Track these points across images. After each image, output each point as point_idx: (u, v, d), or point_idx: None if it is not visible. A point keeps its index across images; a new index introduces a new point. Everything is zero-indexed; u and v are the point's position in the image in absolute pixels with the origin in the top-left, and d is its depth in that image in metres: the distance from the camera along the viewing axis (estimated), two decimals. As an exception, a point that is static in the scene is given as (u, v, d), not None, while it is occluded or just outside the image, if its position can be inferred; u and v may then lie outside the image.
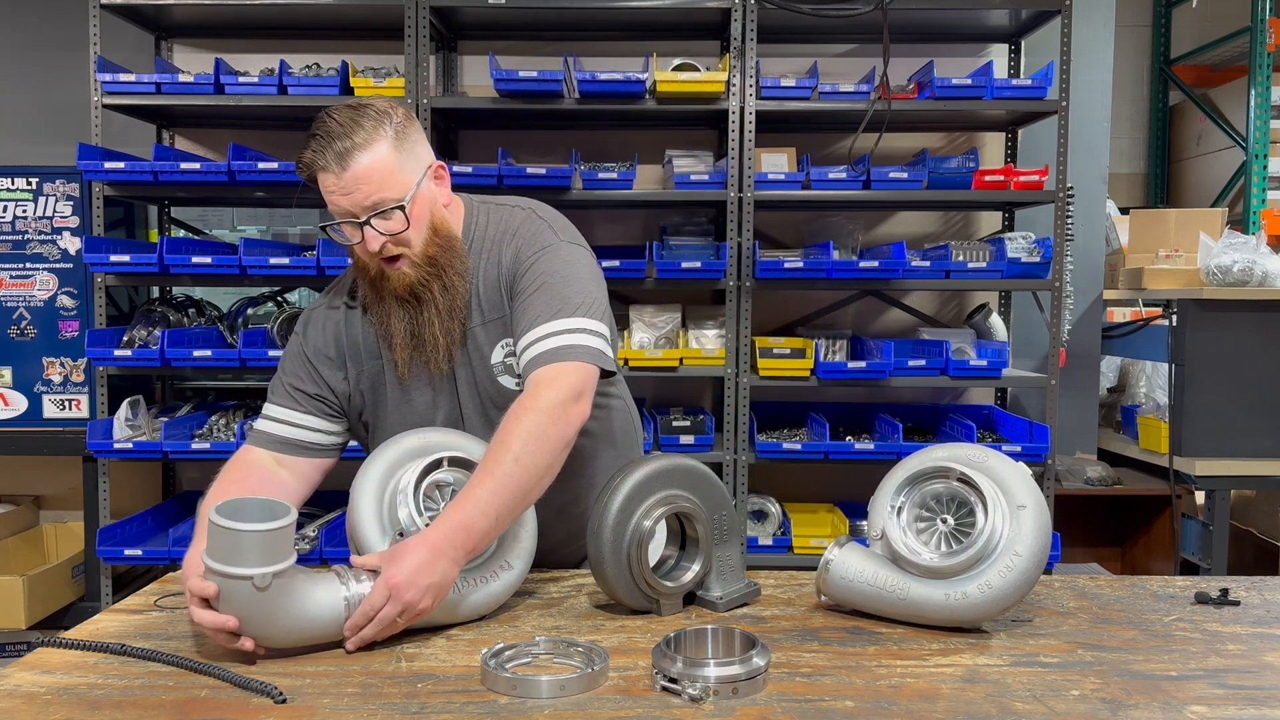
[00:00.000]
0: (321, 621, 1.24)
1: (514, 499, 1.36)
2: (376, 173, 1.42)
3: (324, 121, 1.44)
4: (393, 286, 1.49)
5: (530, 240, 1.54)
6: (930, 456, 1.43)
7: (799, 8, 3.05)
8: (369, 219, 1.44)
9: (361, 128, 1.42)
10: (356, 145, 1.42)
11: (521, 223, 1.57)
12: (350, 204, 1.43)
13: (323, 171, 1.43)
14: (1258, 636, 1.35)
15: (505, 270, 1.54)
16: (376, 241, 1.45)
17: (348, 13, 3.24)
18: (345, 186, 1.42)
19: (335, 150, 1.41)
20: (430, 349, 1.51)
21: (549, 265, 1.51)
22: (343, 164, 1.41)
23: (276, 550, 1.19)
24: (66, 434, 3.30)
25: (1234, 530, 3.57)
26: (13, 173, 3.31)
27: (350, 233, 1.46)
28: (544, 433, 1.38)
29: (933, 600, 1.33)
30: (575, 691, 1.13)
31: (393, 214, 1.45)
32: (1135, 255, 3.84)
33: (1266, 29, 4.68)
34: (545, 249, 1.53)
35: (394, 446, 1.45)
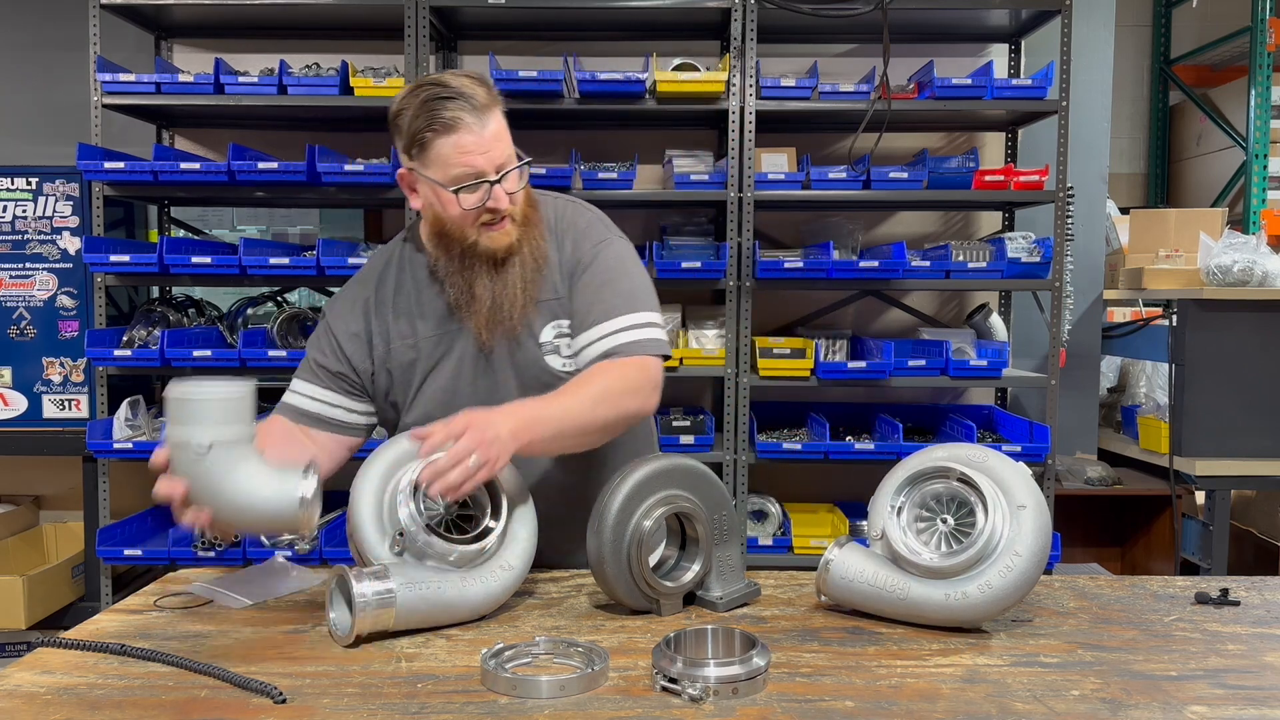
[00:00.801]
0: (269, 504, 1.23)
1: (574, 429, 1.46)
2: (504, 133, 1.52)
3: (445, 84, 1.48)
4: (489, 248, 1.53)
5: (587, 232, 1.61)
6: (930, 456, 1.43)
7: (799, 8, 3.05)
8: (501, 178, 1.50)
9: (484, 90, 1.50)
10: (488, 105, 1.49)
11: (576, 213, 1.64)
12: (486, 162, 1.49)
13: (464, 130, 1.47)
14: (1258, 636, 1.35)
15: (566, 258, 1.60)
16: (505, 200, 1.51)
17: (348, 13, 3.24)
18: (484, 145, 1.48)
19: (475, 107, 1.47)
20: (510, 308, 1.55)
21: (609, 260, 1.59)
22: (483, 123, 1.48)
23: (219, 420, 1.20)
24: (66, 434, 3.30)
25: (1234, 530, 3.57)
26: (13, 173, 3.31)
27: (472, 197, 1.49)
28: (621, 395, 1.49)
29: (933, 600, 1.33)
30: (575, 691, 1.13)
31: (511, 174, 1.52)
32: (1135, 255, 3.84)
33: (1266, 29, 4.68)
34: (603, 242, 1.60)
35: (394, 446, 1.45)
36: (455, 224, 1.53)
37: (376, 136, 3.35)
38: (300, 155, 2.98)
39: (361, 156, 3.17)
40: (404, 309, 1.61)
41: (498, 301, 1.55)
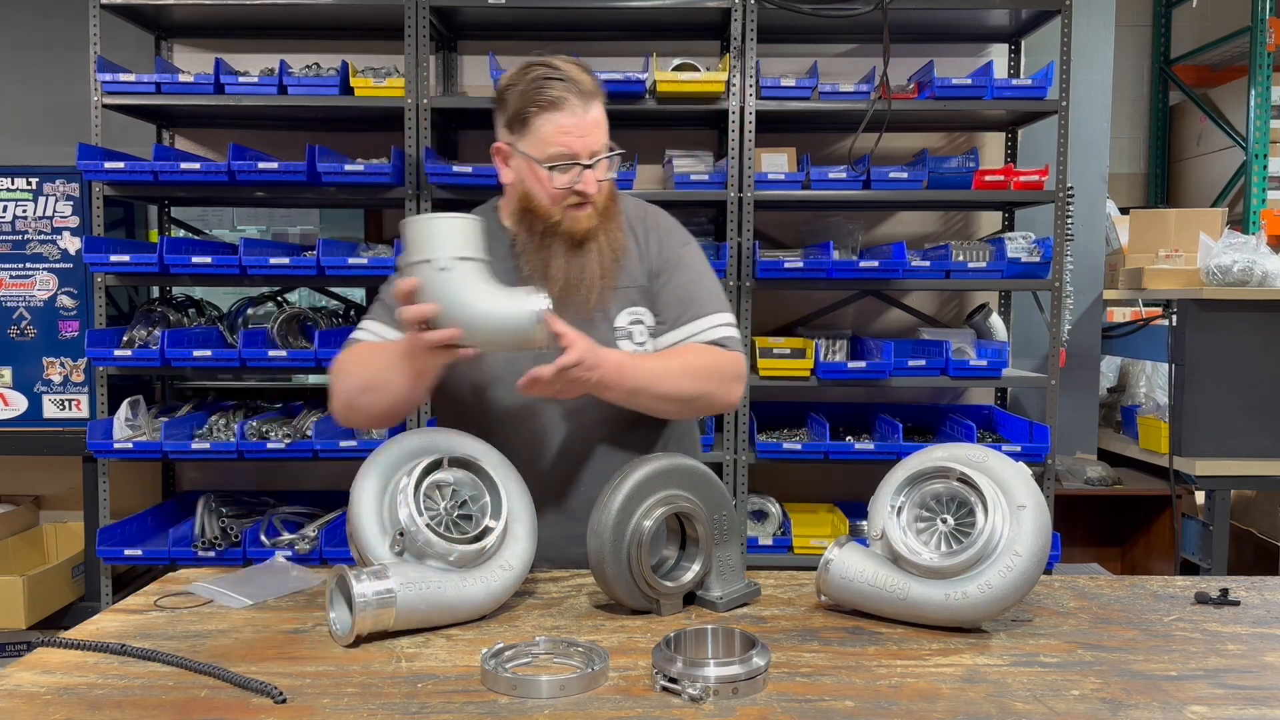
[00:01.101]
0: (509, 315, 1.36)
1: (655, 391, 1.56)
2: (603, 121, 1.59)
3: (555, 66, 1.55)
4: (569, 229, 1.59)
5: (671, 233, 1.72)
6: (930, 456, 1.43)
7: (799, 8, 3.05)
8: (594, 163, 1.57)
9: (590, 79, 1.58)
10: (593, 93, 1.57)
11: (658, 213, 1.75)
12: (582, 145, 1.55)
13: (565, 110, 1.54)
14: (1258, 636, 1.35)
15: (652, 254, 1.68)
16: (593, 185, 1.57)
17: (348, 13, 3.24)
18: (584, 128, 1.55)
19: (581, 92, 1.55)
20: (586, 291, 1.60)
21: (695, 261, 1.70)
22: (586, 108, 1.56)
23: (460, 240, 1.35)
24: (66, 434, 3.30)
25: (1234, 530, 3.57)
26: (13, 173, 3.31)
27: (563, 177, 1.56)
28: (708, 376, 1.60)
29: (933, 600, 1.33)
30: (575, 691, 1.13)
31: (609, 161, 1.60)
32: (1135, 255, 3.84)
33: (1266, 29, 4.68)
34: (686, 244, 1.71)
35: (394, 446, 1.45)
36: (542, 201, 1.59)
37: (376, 136, 3.35)
38: (300, 155, 2.98)
39: (361, 156, 3.17)
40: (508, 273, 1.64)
41: (571, 282, 1.60)
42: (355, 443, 3.02)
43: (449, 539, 1.36)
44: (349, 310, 3.60)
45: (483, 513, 1.43)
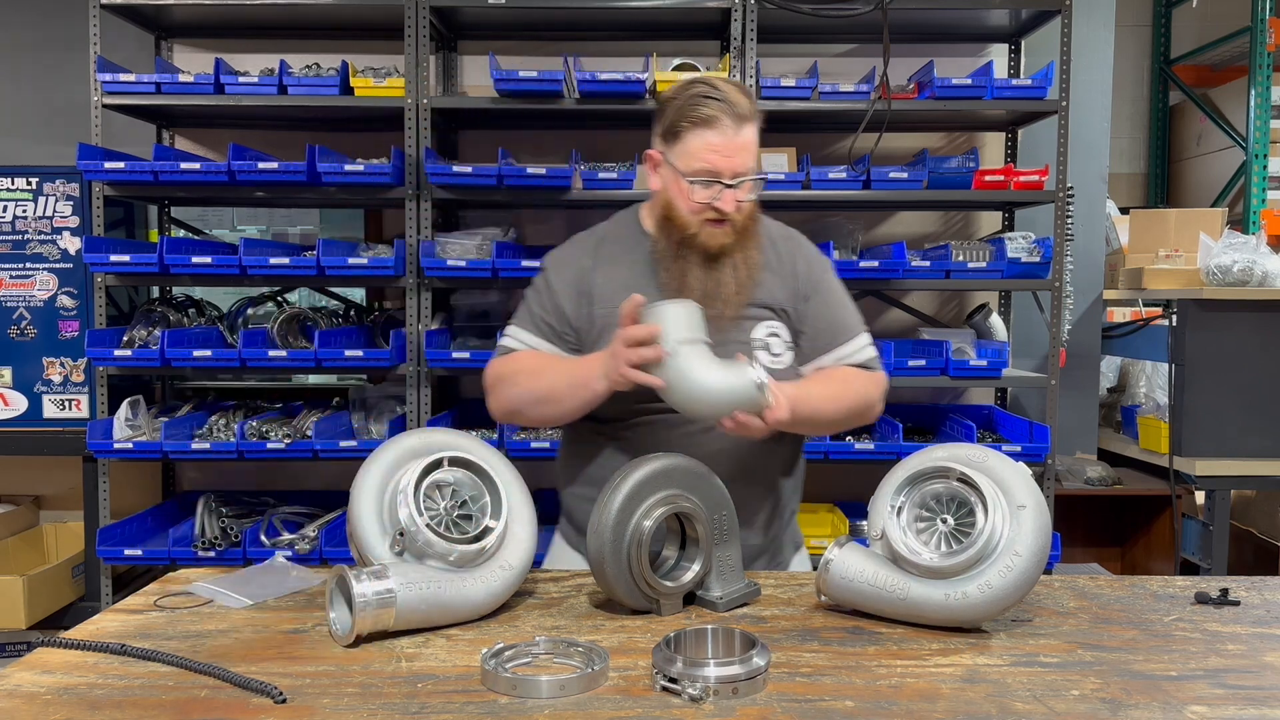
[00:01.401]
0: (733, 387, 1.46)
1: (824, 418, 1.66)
2: (753, 145, 1.64)
3: (715, 86, 1.61)
4: (704, 244, 1.64)
5: (816, 258, 1.80)
6: (930, 456, 1.43)
7: (799, 8, 3.05)
8: (736, 183, 1.61)
9: (748, 102, 1.62)
10: (748, 116, 1.62)
11: (799, 238, 1.83)
12: (726, 165, 1.60)
13: (716, 129, 1.60)
14: (1258, 636, 1.35)
15: (800, 275, 1.74)
16: (732, 204, 1.62)
17: (348, 13, 3.24)
18: (730, 149, 1.60)
19: (735, 114, 1.60)
20: (721, 303, 1.64)
21: (837, 286, 1.79)
22: (737, 130, 1.61)
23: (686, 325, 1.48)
24: (66, 434, 3.30)
25: (1234, 530, 3.57)
26: (13, 173, 3.31)
27: (703, 193, 1.61)
28: (864, 400, 1.70)
29: (933, 600, 1.33)
30: (575, 691, 1.13)
31: (750, 185, 1.65)
32: (1135, 255, 3.84)
33: (1266, 29, 4.68)
34: (827, 270, 1.80)
35: (394, 446, 1.45)
36: (682, 213, 1.64)
37: (377, 136, 3.35)
38: (300, 155, 2.98)
39: (361, 156, 3.17)
40: (618, 280, 1.69)
41: (709, 294, 1.64)
42: (355, 443, 3.02)
43: (449, 539, 1.36)
44: (349, 310, 3.60)
45: (483, 513, 1.43)
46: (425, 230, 3.08)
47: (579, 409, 1.62)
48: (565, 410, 1.63)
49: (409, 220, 3.07)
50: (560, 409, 1.63)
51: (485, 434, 3.15)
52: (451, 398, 3.52)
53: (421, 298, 3.08)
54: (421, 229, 3.08)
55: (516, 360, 1.69)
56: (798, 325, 1.73)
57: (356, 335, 3.21)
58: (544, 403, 1.63)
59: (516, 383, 1.66)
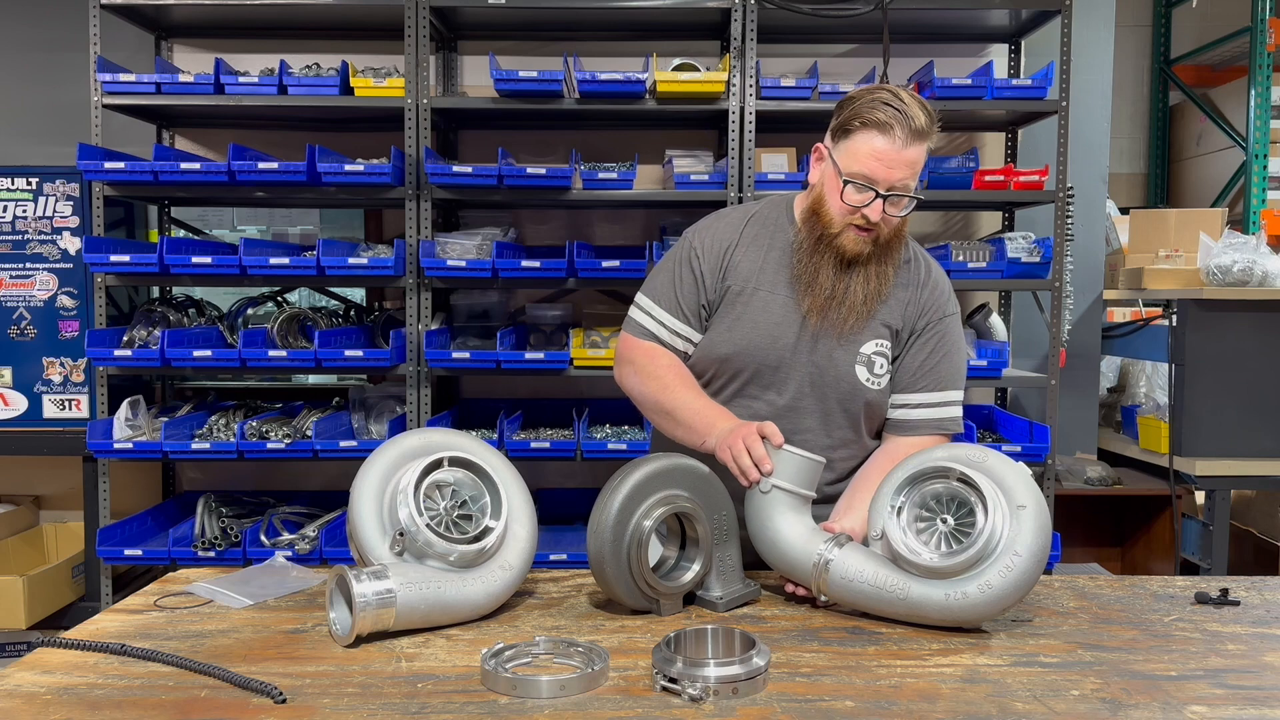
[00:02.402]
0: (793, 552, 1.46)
1: None
2: (918, 163, 1.61)
3: (898, 96, 1.59)
4: (843, 246, 1.64)
5: (947, 295, 1.78)
6: (930, 456, 1.43)
7: (799, 8, 3.05)
8: (889, 195, 1.58)
9: (925, 119, 1.59)
10: (922, 134, 1.59)
11: (933, 266, 1.80)
12: (886, 175, 1.58)
13: (885, 135, 1.57)
14: (1258, 636, 1.35)
15: (924, 303, 1.73)
16: (878, 213, 1.60)
17: (348, 13, 3.24)
18: (894, 160, 1.57)
19: (911, 127, 1.57)
20: (848, 308, 1.66)
21: (955, 332, 1.76)
22: (906, 143, 1.57)
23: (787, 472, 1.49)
24: (66, 434, 3.30)
25: (1234, 530, 3.57)
26: (13, 173, 3.31)
27: (857, 196, 1.59)
28: None
29: (933, 600, 1.33)
30: (575, 691, 1.13)
31: (902, 200, 1.61)
32: (1135, 255, 3.84)
33: (1266, 29, 4.68)
34: (954, 314, 1.77)
35: (394, 446, 1.45)
36: (830, 211, 1.64)
37: (377, 136, 3.35)
38: (300, 155, 2.98)
39: (361, 156, 3.17)
40: (755, 261, 1.72)
41: (837, 297, 1.66)
42: (355, 443, 3.02)
43: (449, 539, 1.36)
44: (349, 310, 3.60)
45: (483, 513, 1.43)
46: (425, 230, 3.08)
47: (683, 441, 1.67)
48: (672, 435, 1.69)
49: (409, 220, 3.07)
50: (669, 431, 1.70)
51: (485, 434, 3.15)
52: (451, 398, 3.52)
53: (421, 298, 3.08)
54: (421, 229, 3.08)
55: (656, 358, 1.74)
56: (898, 352, 1.73)
57: (356, 335, 3.21)
58: (660, 416, 1.71)
59: (645, 383, 1.72)
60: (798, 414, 1.68)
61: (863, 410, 1.70)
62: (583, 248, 3.06)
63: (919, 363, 1.72)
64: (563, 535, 3.14)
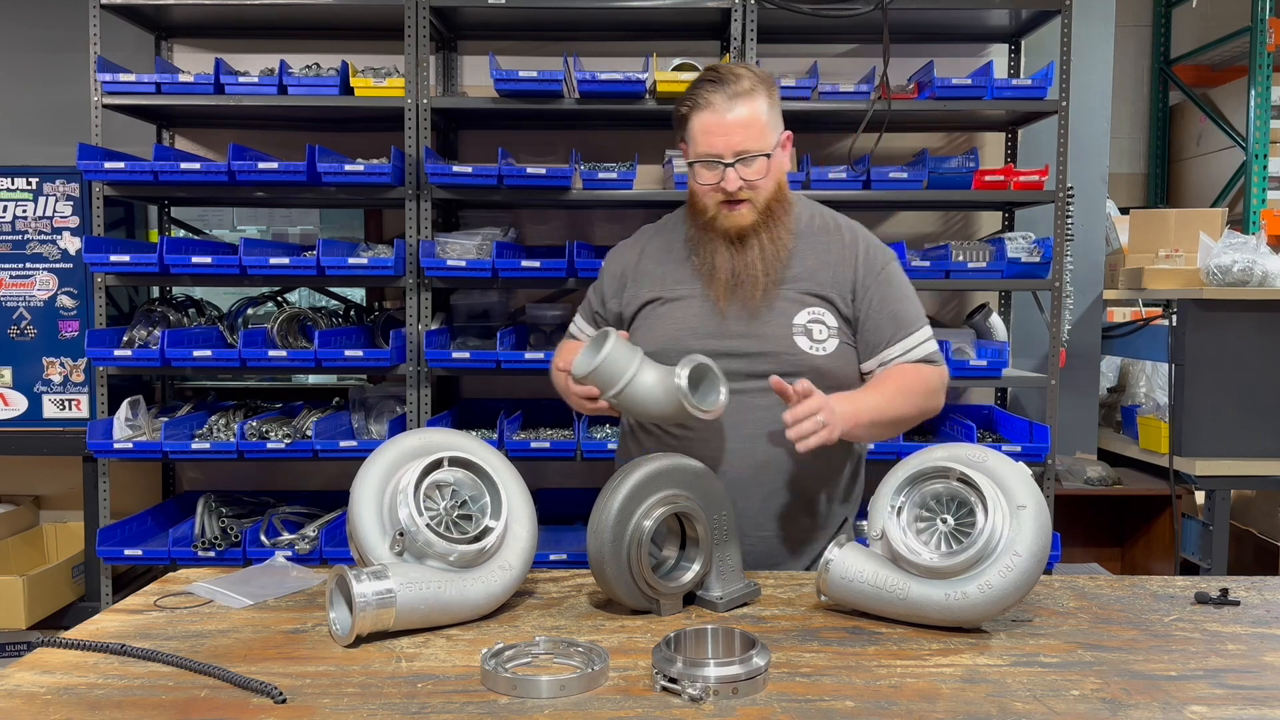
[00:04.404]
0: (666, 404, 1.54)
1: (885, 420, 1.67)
2: (753, 123, 1.63)
3: (716, 70, 1.66)
4: (725, 226, 1.68)
5: (877, 249, 1.79)
6: (930, 456, 1.43)
7: (799, 8, 3.05)
8: (734, 162, 1.63)
9: (750, 79, 1.64)
10: (743, 93, 1.63)
11: (855, 226, 1.81)
12: (723, 145, 1.63)
13: (708, 109, 1.63)
14: (1258, 636, 1.35)
15: (858, 267, 1.74)
16: (735, 183, 1.64)
17: (348, 13, 3.24)
18: (725, 128, 1.62)
19: (726, 93, 1.62)
20: (749, 286, 1.69)
21: (900, 279, 1.78)
22: (730, 106, 1.62)
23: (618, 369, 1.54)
24: (66, 434, 3.30)
25: (1234, 530, 3.57)
26: (13, 173, 3.31)
27: (706, 173, 1.65)
28: (925, 394, 1.72)
29: (933, 600, 1.33)
30: (575, 691, 1.13)
31: (754, 162, 1.64)
32: (1135, 255, 3.84)
33: (1266, 29, 4.68)
34: (891, 261, 1.78)
35: (394, 446, 1.45)
36: (698, 197, 1.71)
37: (377, 136, 3.35)
38: (300, 155, 2.98)
39: (361, 156, 3.17)
40: (659, 263, 1.80)
41: (738, 275, 1.69)
42: (355, 443, 3.02)
43: (449, 539, 1.36)
44: (349, 310, 3.60)
45: (483, 513, 1.43)
46: (425, 230, 3.08)
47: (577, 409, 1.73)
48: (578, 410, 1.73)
49: (409, 220, 3.07)
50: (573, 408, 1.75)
51: (485, 434, 3.15)
52: (451, 398, 3.52)
53: (421, 298, 3.08)
54: (421, 229, 3.08)
55: (564, 349, 1.87)
56: (855, 315, 1.74)
57: (356, 335, 3.21)
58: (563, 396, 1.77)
59: (554, 372, 1.81)
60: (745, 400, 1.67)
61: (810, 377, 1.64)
62: (583, 248, 3.06)
63: (881, 317, 1.73)
64: (563, 535, 3.14)
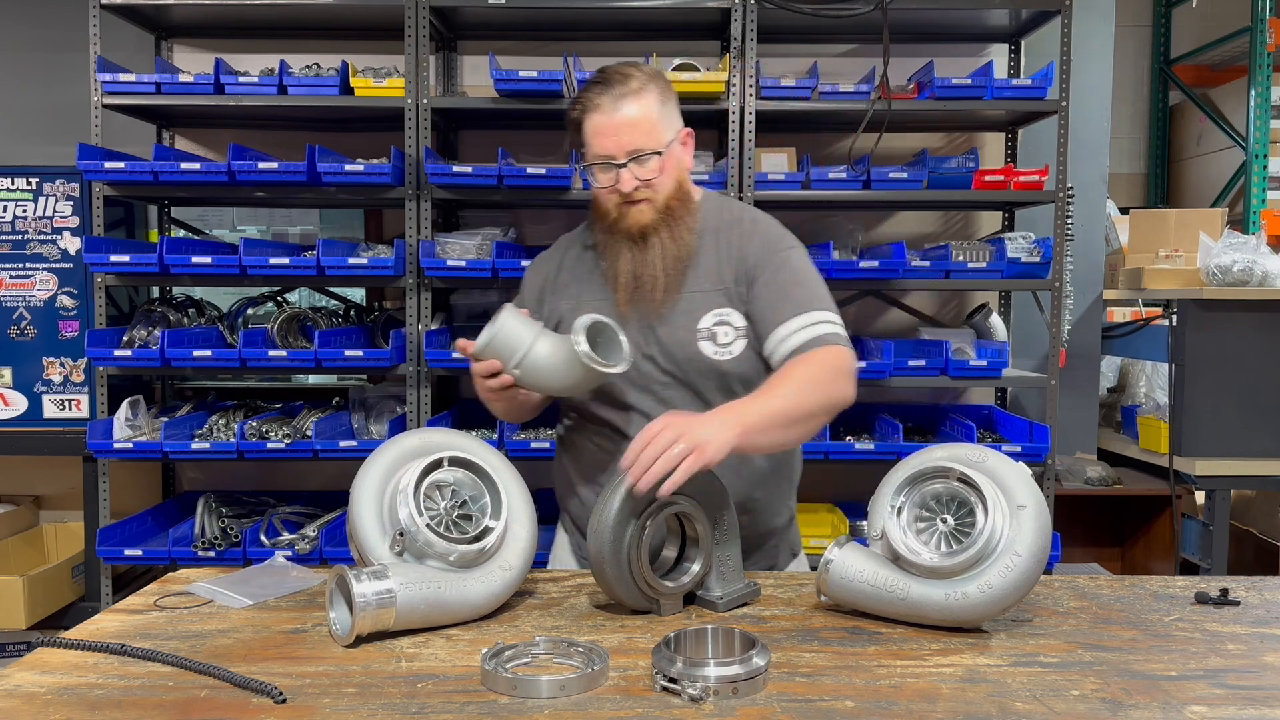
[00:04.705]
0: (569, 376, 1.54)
1: (786, 419, 1.51)
2: (643, 122, 1.61)
3: (604, 72, 1.65)
4: (627, 226, 1.65)
5: (776, 238, 1.72)
6: (930, 456, 1.43)
7: (799, 8, 3.05)
8: (627, 162, 1.60)
9: (636, 79, 1.62)
10: (630, 93, 1.61)
11: (758, 218, 1.75)
12: (614, 146, 1.61)
13: (596, 112, 1.61)
14: (1258, 636, 1.35)
15: (751, 256, 1.67)
16: (630, 183, 1.61)
17: (348, 13, 3.24)
18: (614, 129, 1.60)
19: (612, 94, 1.61)
20: (650, 289, 1.65)
21: (799, 264, 1.69)
22: (616, 107, 1.60)
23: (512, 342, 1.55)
24: (66, 434, 3.30)
25: (1234, 530, 3.57)
26: (13, 173, 3.31)
27: (603, 175, 1.63)
28: (828, 381, 1.56)
29: (933, 600, 1.33)
30: (575, 691, 1.13)
31: (648, 160, 1.62)
32: (1135, 255, 3.84)
33: (1266, 29, 4.68)
34: (791, 249, 1.71)
35: (394, 446, 1.45)
36: (598, 200, 1.69)
37: (377, 136, 3.35)
38: (300, 155, 2.98)
39: (361, 156, 3.17)
40: (573, 273, 1.77)
41: (639, 277, 1.65)
42: (355, 443, 3.02)
43: (449, 539, 1.36)
44: (349, 310, 3.60)
45: (483, 513, 1.43)
46: (425, 230, 3.08)
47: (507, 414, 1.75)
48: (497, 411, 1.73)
49: (409, 220, 3.07)
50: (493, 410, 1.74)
51: (485, 434, 3.15)
52: (451, 398, 3.52)
53: (421, 298, 3.08)
54: (421, 229, 3.08)
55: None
56: (748, 306, 1.66)
57: (356, 335, 3.21)
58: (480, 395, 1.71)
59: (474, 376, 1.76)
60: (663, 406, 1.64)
61: (717, 382, 1.65)
62: (583, 248, 3.06)
63: (772, 296, 1.64)
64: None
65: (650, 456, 1.33)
